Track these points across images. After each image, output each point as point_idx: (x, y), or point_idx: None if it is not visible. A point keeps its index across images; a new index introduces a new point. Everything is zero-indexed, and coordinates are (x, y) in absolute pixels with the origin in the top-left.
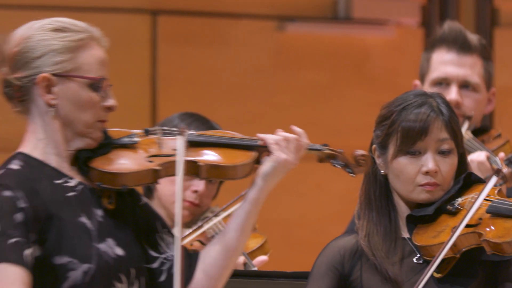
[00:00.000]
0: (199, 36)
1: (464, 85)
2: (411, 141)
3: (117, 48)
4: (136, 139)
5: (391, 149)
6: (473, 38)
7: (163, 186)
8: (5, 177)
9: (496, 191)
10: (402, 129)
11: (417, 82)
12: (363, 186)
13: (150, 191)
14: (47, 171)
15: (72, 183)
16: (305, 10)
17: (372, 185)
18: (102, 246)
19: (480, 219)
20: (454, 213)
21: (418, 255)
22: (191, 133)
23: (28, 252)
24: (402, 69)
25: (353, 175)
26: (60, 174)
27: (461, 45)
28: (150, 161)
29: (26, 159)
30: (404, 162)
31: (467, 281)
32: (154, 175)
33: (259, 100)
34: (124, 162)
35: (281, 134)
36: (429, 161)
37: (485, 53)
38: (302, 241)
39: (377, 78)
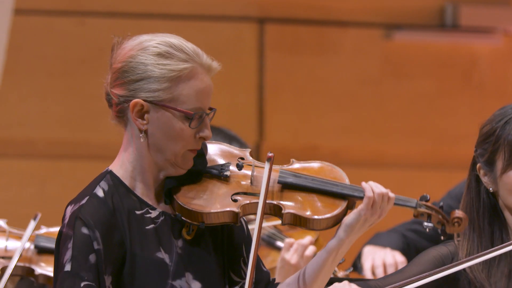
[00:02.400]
0: (306, 45)
1: None
2: None
3: (224, 56)
4: (227, 173)
5: (499, 165)
6: None
7: None
8: (87, 208)
9: None
10: (508, 142)
11: None
12: (464, 206)
13: None
14: (130, 201)
15: (153, 214)
16: (412, 18)
17: (475, 205)
18: (178, 283)
19: None
20: None
21: None
22: (285, 171)
23: None
24: (510, 76)
25: (444, 236)
26: (143, 204)
27: None
28: (235, 200)
29: (115, 182)
30: None
31: None
32: (234, 217)
33: (367, 108)
34: (207, 199)
35: (378, 188)
36: None
37: None
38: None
39: (485, 86)
